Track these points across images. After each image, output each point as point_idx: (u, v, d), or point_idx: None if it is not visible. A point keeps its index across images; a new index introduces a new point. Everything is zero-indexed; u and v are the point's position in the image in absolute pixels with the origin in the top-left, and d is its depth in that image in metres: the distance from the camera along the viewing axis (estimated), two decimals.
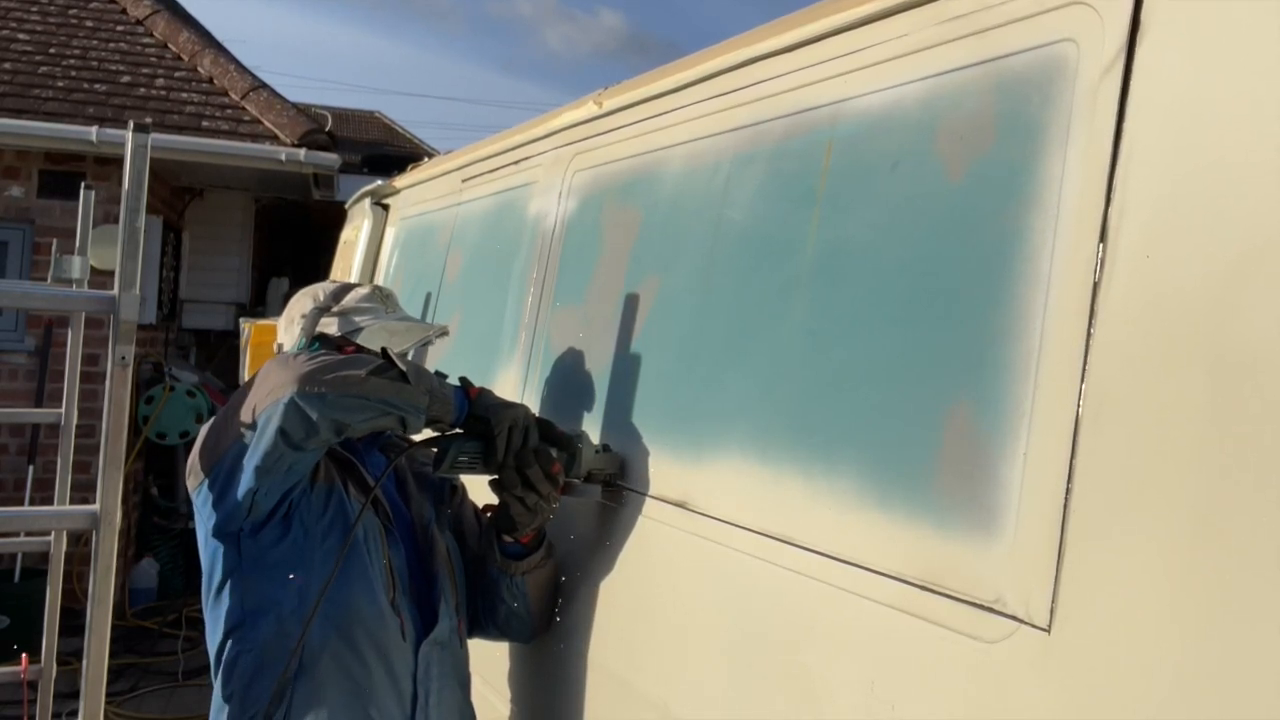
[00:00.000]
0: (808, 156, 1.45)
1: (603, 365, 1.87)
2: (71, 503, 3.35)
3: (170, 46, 7.14)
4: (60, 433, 3.26)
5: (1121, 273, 0.96)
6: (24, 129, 5.84)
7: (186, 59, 7.04)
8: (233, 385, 6.68)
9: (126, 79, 6.65)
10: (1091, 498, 0.95)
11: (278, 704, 1.61)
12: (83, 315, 3.30)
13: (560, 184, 2.23)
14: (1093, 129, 1.02)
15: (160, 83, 6.72)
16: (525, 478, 1.70)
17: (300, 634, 1.60)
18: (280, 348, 1.98)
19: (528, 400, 2.10)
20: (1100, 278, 0.98)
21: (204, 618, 1.74)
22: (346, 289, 2.03)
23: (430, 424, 1.69)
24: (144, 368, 6.65)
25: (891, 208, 1.28)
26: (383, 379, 1.58)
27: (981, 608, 1.04)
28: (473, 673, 1.90)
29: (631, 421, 1.75)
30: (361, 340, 1.87)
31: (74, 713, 1.88)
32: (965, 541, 1.07)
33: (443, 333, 2.08)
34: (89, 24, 7.20)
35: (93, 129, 5.80)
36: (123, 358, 1.72)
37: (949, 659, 1.07)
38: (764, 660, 1.35)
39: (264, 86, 6.86)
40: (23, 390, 5.98)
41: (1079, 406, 0.98)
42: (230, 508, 1.61)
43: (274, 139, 6.40)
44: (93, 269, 3.44)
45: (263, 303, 8.88)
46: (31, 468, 5.90)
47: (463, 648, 1.86)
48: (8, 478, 6.02)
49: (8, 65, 6.46)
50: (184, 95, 6.66)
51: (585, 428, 1.87)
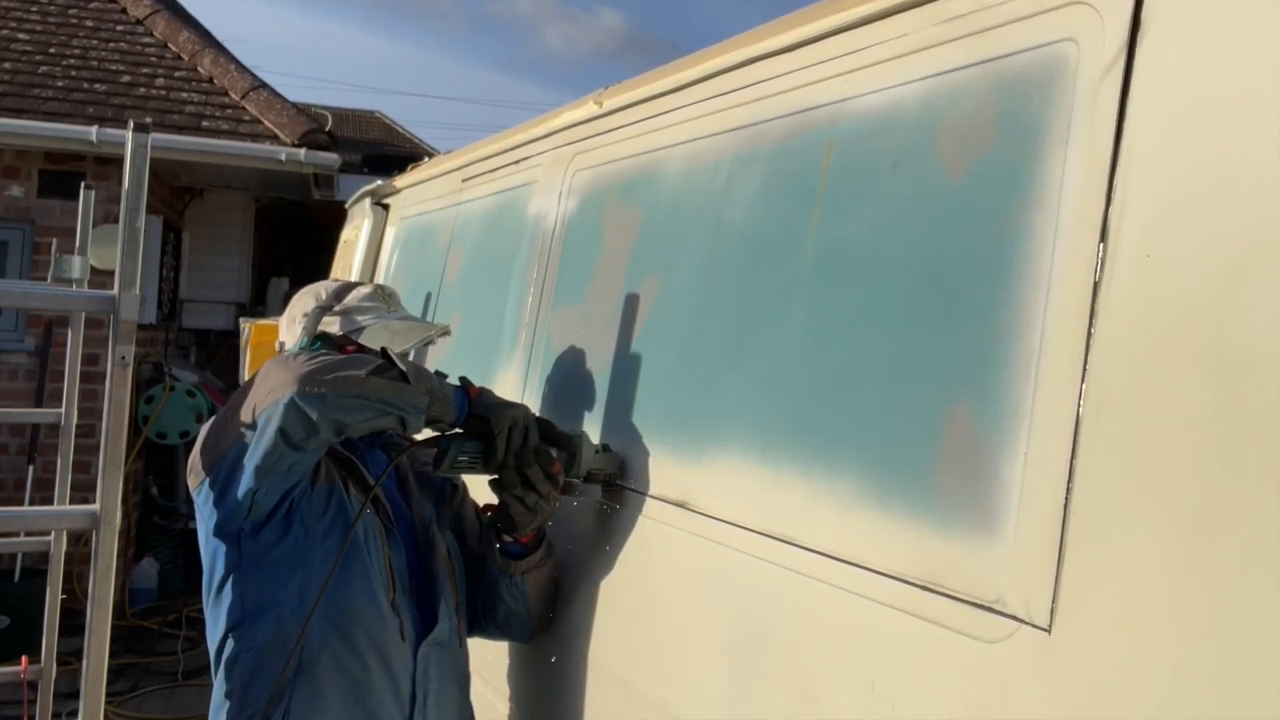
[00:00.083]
0: (808, 156, 1.45)
1: (603, 365, 1.87)
2: (71, 503, 3.35)
3: (170, 46, 7.14)
4: (60, 433, 3.26)
5: (1122, 272, 0.96)
6: (24, 129, 5.84)
7: (186, 59, 7.04)
8: (233, 385, 6.67)
9: (126, 79, 6.65)
10: (1092, 497, 0.95)
11: (277, 703, 1.61)
12: (83, 315, 3.30)
13: (560, 184, 2.23)
14: (1093, 129, 1.02)
15: (160, 82, 6.72)
16: (525, 477, 1.70)
17: (300, 633, 1.61)
18: (282, 346, 1.98)
19: (528, 400, 2.10)
20: (1101, 277, 0.98)
21: (204, 616, 1.74)
22: (349, 288, 2.03)
23: (430, 424, 1.69)
24: (144, 368, 6.65)
25: (892, 207, 1.28)
26: (383, 379, 1.58)
27: (982, 608, 1.04)
28: (473, 672, 1.90)
29: (632, 421, 1.75)
30: (363, 339, 1.87)
31: (74, 713, 1.88)
32: (966, 541, 1.07)
33: (445, 332, 2.09)
34: (89, 24, 7.20)
35: (93, 129, 5.80)
36: (123, 358, 1.72)
37: (949, 659, 1.07)
38: (764, 660, 1.35)
39: (264, 86, 6.86)
40: (23, 390, 5.98)
41: (1079, 406, 0.98)
42: (231, 507, 1.61)
43: (274, 139, 6.40)
44: (93, 269, 3.43)
45: (263, 302, 8.88)
46: (31, 468, 5.90)
47: (462, 648, 1.86)
48: (8, 478, 6.02)
49: (8, 65, 6.46)
50: (184, 95, 6.66)
51: (586, 427, 1.87)
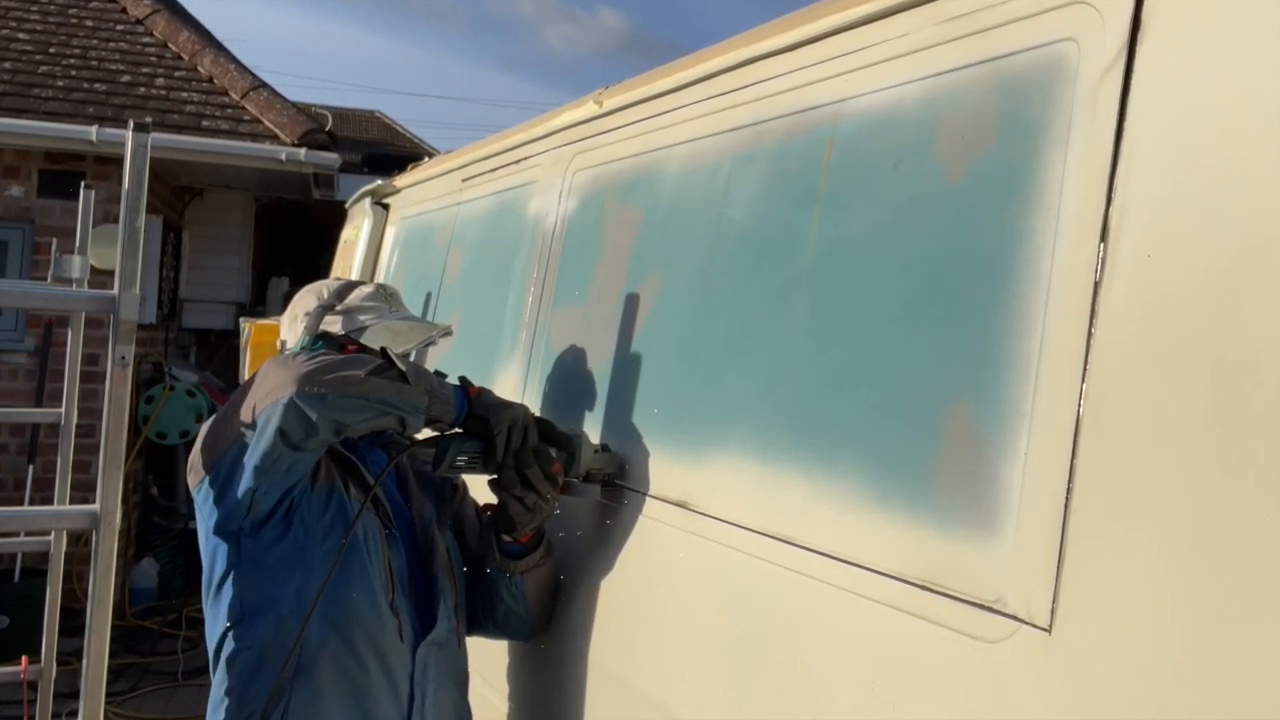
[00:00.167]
0: (808, 156, 1.45)
1: (603, 365, 1.87)
2: (71, 503, 3.34)
3: (170, 46, 7.14)
4: (60, 433, 3.26)
5: (1122, 272, 0.96)
6: (24, 128, 5.84)
7: (186, 58, 7.04)
8: (233, 385, 6.67)
9: (126, 78, 6.65)
10: (1092, 497, 0.95)
11: (275, 703, 1.61)
12: (83, 315, 3.29)
13: (561, 183, 2.23)
14: (1093, 129, 1.02)
15: (160, 82, 6.72)
16: (524, 477, 1.70)
17: (299, 633, 1.60)
18: (283, 345, 1.97)
19: (528, 400, 2.10)
20: (1101, 277, 0.98)
21: (203, 614, 1.74)
22: (350, 287, 2.02)
23: (430, 424, 1.69)
24: (144, 367, 6.65)
25: (892, 207, 1.28)
26: (382, 379, 1.58)
27: (982, 608, 1.04)
28: (473, 672, 1.90)
29: (632, 421, 1.75)
30: (365, 339, 1.87)
31: (74, 713, 1.88)
32: (966, 541, 1.07)
33: (446, 332, 2.08)
34: (89, 23, 7.20)
35: (93, 128, 5.80)
36: (123, 357, 1.72)
37: (950, 659, 1.07)
38: (765, 660, 1.35)
39: (264, 86, 6.85)
40: (23, 390, 5.98)
41: (1080, 406, 0.97)
42: (230, 506, 1.61)
43: (274, 138, 6.40)
44: (93, 269, 3.43)
45: (263, 302, 8.88)
46: (31, 468, 5.90)
47: (461, 648, 1.86)
48: (8, 478, 6.02)
49: (8, 65, 6.46)
50: (184, 95, 6.66)
51: (586, 427, 1.87)
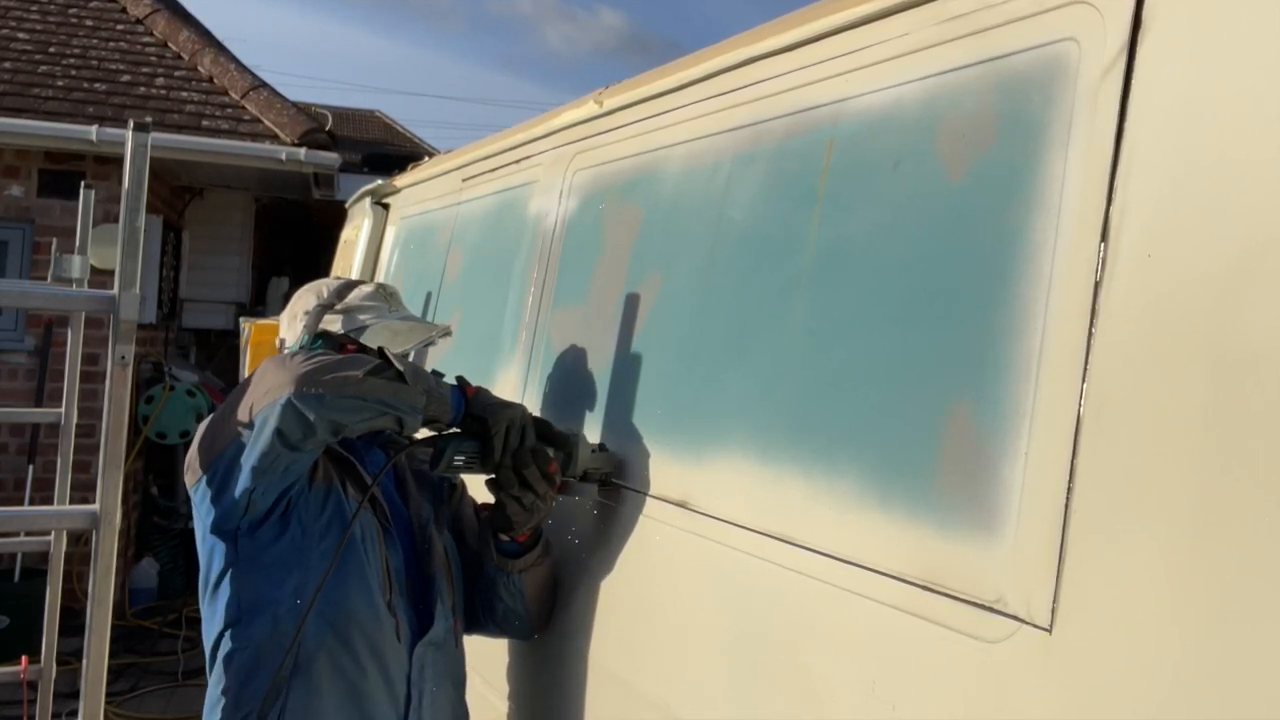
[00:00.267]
0: (809, 156, 1.45)
1: (603, 365, 1.87)
2: (71, 502, 3.34)
3: (170, 45, 7.14)
4: (60, 432, 3.26)
5: (1123, 272, 0.96)
6: (24, 128, 5.84)
7: (186, 58, 7.04)
8: (233, 385, 6.66)
9: (126, 78, 6.65)
10: (1093, 497, 0.95)
11: (272, 703, 1.61)
12: (83, 315, 3.29)
13: (561, 183, 2.23)
14: (1094, 128, 1.02)
15: (160, 82, 6.72)
16: (522, 477, 1.70)
17: (296, 633, 1.60)
18: (282, 344, 1.97)
19: (528, 400, 2.10)
20: (1101, 277, 0.98)
21: (201, 613, 1.74)
22: (350, 286, 2.02)
23: (428, 424, 1.69)
24: (144, 367, 6.65)
25: (892, 207, 1.28)
26: (380, 379, 1.58)
27: (983, 608, 1.04)
28: (472, 671, 1.89)
29: (632, 421, 1.75)
30: (364, 339, 1.87)
31: (74, 713, 1.88)
32: (966, 541, 1.07)
33: (446, 333, 2.08)
34: (89, 23, 7.20)
35: (93, 128, 5.80)
36: (123, 357, 1.72)
37: (950, 659, 1.07)
38: (765, 660, 1.35)
39: (264, 86, 6.85)
40: (23, 390, 5.98)
41: (1080, 406, 0.97)
42: (228, 506, 1.61)
43: (274, 138, 6.40)
44: (93, 268, 3.43)
45: (263, 302, 8.88)
46: (31, 467, 5.90)
47: (458, 648, 1.85)
48: (8, 477, 6.01)
49: (7, 64, 6.46)
50: (184, 94, 6.66)
51: (587, 427, 1.87)
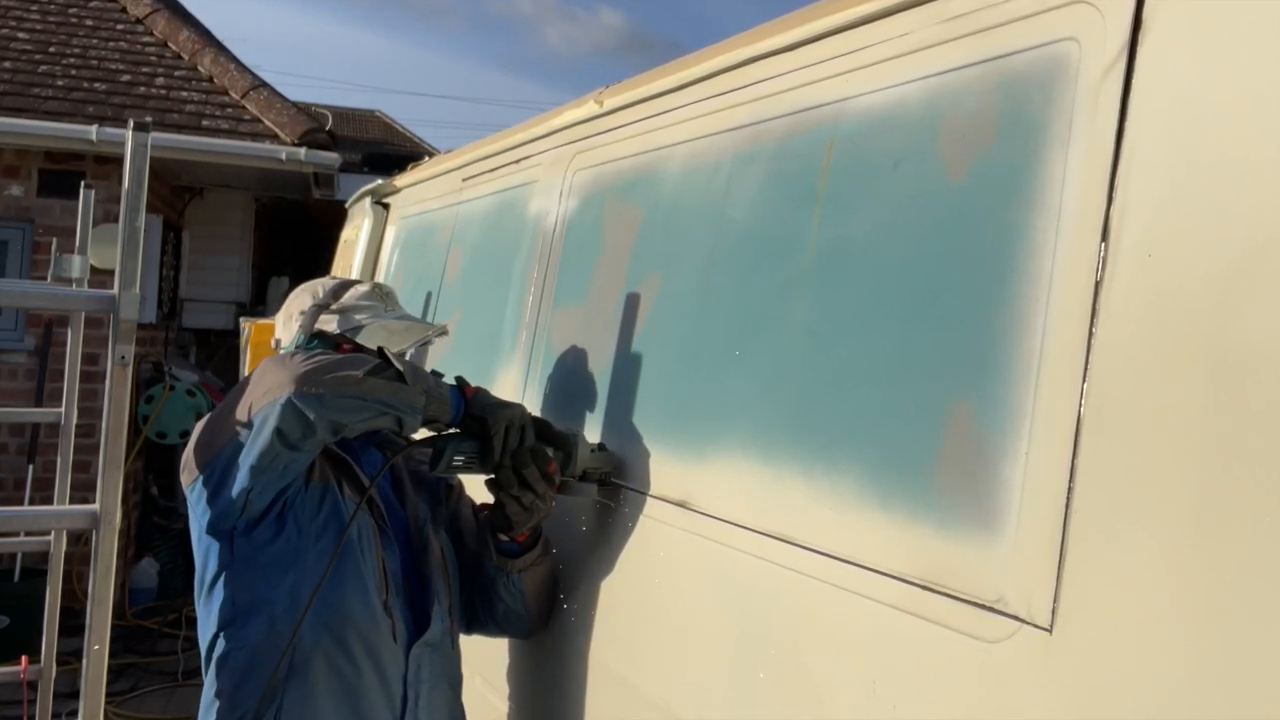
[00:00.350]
0: (809, 155, 1.45)
1: (604, 365, 1.86)
2: (71, 502, 3.34)
3: (170, 45, 7.14)
4: (60, 432, 3.26)
5: (1123, 272, 0.96)
6: (24, 128, 5.83)
7: (186, 58, 7.03)
8: (233, 384, 6.66)
9: (126, 78, 6.64)
10: (1093, 497, 0.95)
11: (268, 704, 1.60)
12: (82, 315, 3.29)
13: (561, 183, 2.23)
14: (1094, 128, 1.02)
15: (160, 81, 6.72)
16: (521, 477, 1.70)
17: (292, 634, 1.60)
18: (278, 343, 1.97)
19: (528, 400, 2.10)
20: (1102, 277, 0.98)
21: (196, 613, 1.74)
22: (346, 286, 2.02)
23: (427, 424, 1.69)
24: (144, 367, 6.65)
25: (893, 207, 1.28)
26: (380, 379, 1.57)
27: (983, 608, 1.04)
28: (472, 672, 1.89)
29: (633, 421, 1.75)
30: (360, 339, 1.86)
31: (74, 713, 1.88)
32: (967, 541, 1.07)
33: (442, 332, 2.08)
34: (89, 23, 7.20)
35: (93, 128, 5.79)
36: (123, 357, 1.71)
37: (951, 659, 1.07)
38: (765, 660, 1.34)
39: (264, 85, 6.85)
40: (23, 390, 5.98)
41: (1081, 406, 0.97)
42: (224, 505, 1.61)
43: (274, 138, 6.40)
44: (92, 268, 3.43)
45: (263, 302, 8.87)
46: (31, 467, 5.89)
47: (454, 649, 1.85)
48: (8, 477, 6.01)
49: (7, 64, 6.45)
50: (184, 94, 6.65)
51: (587, 427, 1.87)
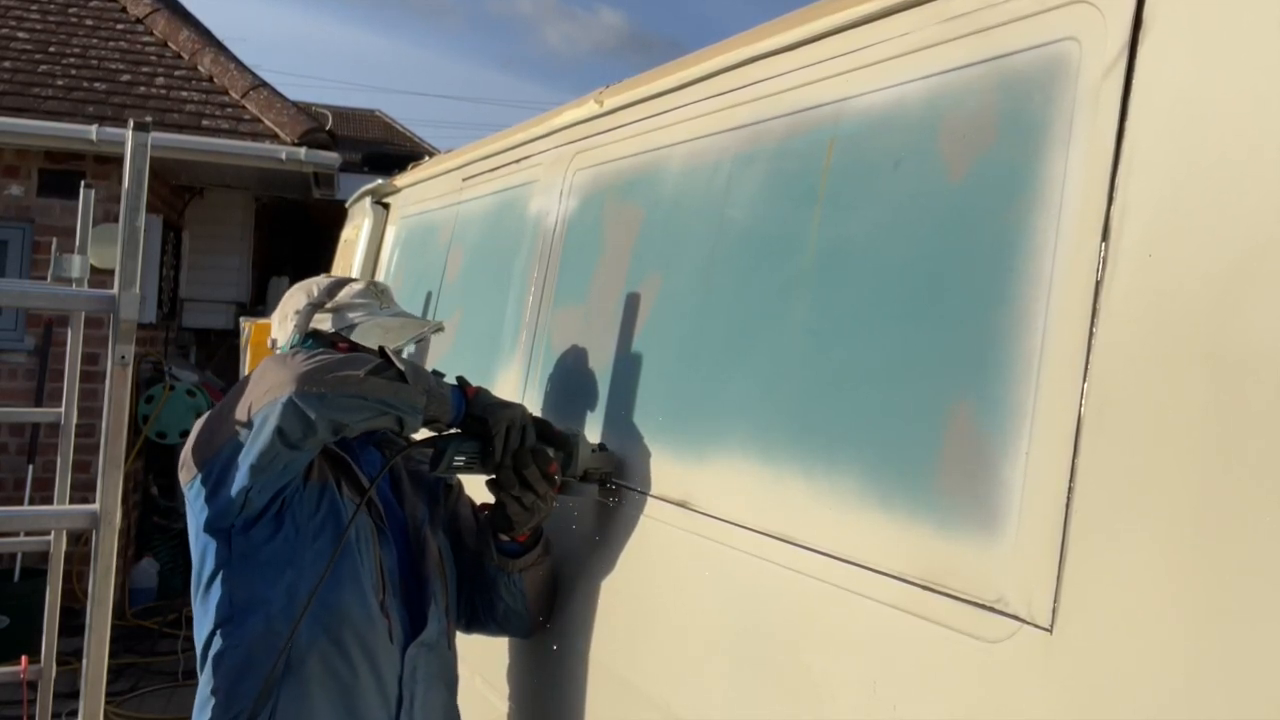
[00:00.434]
0: (809, 155, 1.45)
1: (604, 365, 1.86)
2: (71, 502, 3.34)
3: (170, 45, 7.14)
4: (60, 432, 3.26)
5: (1123, 272, 0.96)
6: (24, 128, 5.83)
7: (186, 57, 7.03)
8: (233, 384, 6.66)
9: (126, 77, 6.64)
10: (1094, 497, 0.95)
11: (264, 703, 1.61)
12: (82, 314, 3.29)
13: (561, 183, 2.23)
14: (1095, 128, 1.02)
15: (160, 81, 6.72)
16: (522, 477, 1.70)
17: (289, 633, 1.60)
18: (274, 343, 1.97)
19: (528, 400, 2.09)
20: (1102, 277, 0.98)
21: (193, 611, 1.74)
22: (341, 284, 2.00)
23: (428, 423, 1.69)
24: (144, 367, 6.65)
25: (893, 207, 1.28)
26: (381, 379, 1.57)
27: (983, 607, 1.04)
28: (472, 672, 1.89)
29: (633, 421, 1.75)
30: (355, 337, 1.85)
31: (74, 713, 1.88)
32: (967, 541, 1.07)
33: (438, 329, 2.07)
34: (89, 22, 7.20)
35: (92, 128, 5.79)
36: (122, 357, 1.71)
37: (951, 659, 1.07)
38: (766, 660, 1.34)
39: (264, 85, 6.85)
40: (23, 390, 5.98)
41: (1081, 406, 0.97)
42: (223, 504, 1.61)
43: (274, 138, 6.40)
44: (92, 268, 3.42)
45: (263, 301, 8.87)
46: (31, 467, 5.89)
47: (450, 650, 1.85)
48: (8, 477, 6.01)
49: (7, 64, 6.45)
50: (184, 94, 6.65)
51: (587, 427, 1.87)
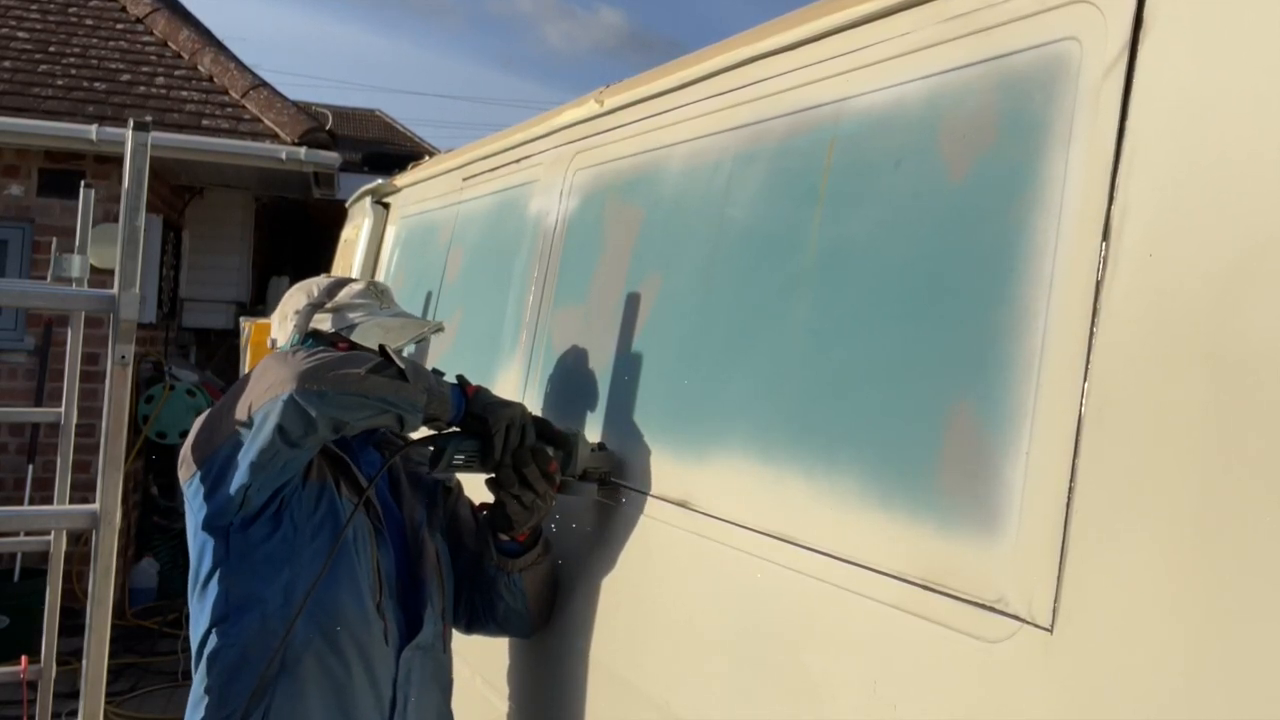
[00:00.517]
0: (810, 155, 1.45)
1: (604, 364, 1.86)
2: (71, 502, 3.34)
3: (170, 45, 7.14)
4: (60, 432, 3.26)
5: (1124, 272, 0.96)
6: (24, 127, 5.83)
7: (186, 57, 7.03)
8: (232, 384, 6.66)
9: (126, 77, 6.64)
10: (1094, 497, 0.95)
11: (257, 702, 1.61)
12: (82, 314, 3.28)
13: (561, 183, 2.23)
14: (1095, 128, 1.02)
15: (160, 81, 6.72)
16: (522, 476, 1.70)
17: (284, 632, 1.60)
18: (274, 343, 1.97)
19: (528, 399, 2.09)
20: (1103, 277, 0.98)
21: (189, 609, 1.74)
22: (341, 284, 2.01)
23: (428, 422, 1.69)
24: (144, 367, 6.65)
25: (894, 206, 1.28)
26: (381, 377, 1.58)
27: (984, 607, 1.04)
28: (472, 672, 1.89)
29: (634, 420, 1.75)
30: (355, 337, 1.86)
31: (74, 713, 1.88)
32: (967, 541, 1.07)
33: (438, 329, 2.07)
34: (89, 22, 7.20)
35: (92, 127, 5.79)
36: (122, 357, 1.71)
37: (951, 659, 1.07)
38: (766, 660, 1.34)
39: (264, 85, 6.85)
40: (23, 389, 5.98)
41: (1081, 406, 0.97)
42: (222, 502, 1.61)
43: (274, 137, 6.39)
44: (92, 268, 3.42)
45: (263, 301, 8.87)
46: (31, 467, 5.89)
47: (446, 653, 1.85)
48: (8, 477, 6.01)
49: (7, 63, 6.45)
50: (184, 93, 6.65)
51: (588, 427, 1.87)
